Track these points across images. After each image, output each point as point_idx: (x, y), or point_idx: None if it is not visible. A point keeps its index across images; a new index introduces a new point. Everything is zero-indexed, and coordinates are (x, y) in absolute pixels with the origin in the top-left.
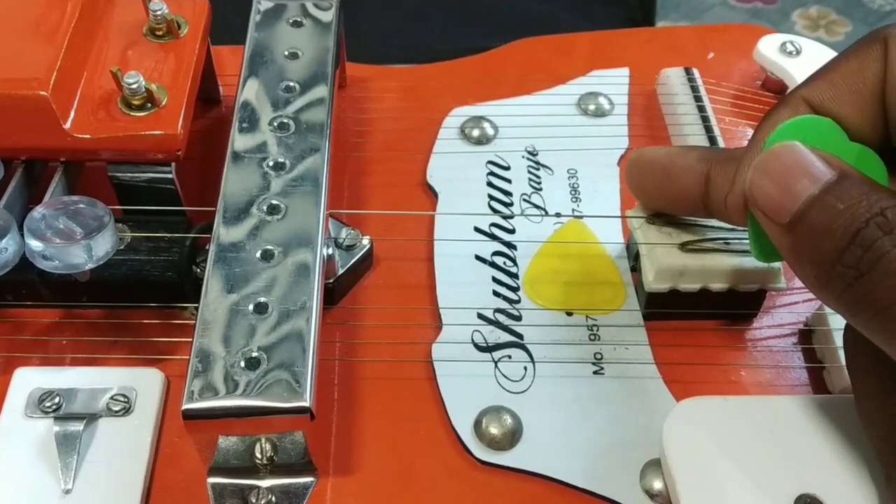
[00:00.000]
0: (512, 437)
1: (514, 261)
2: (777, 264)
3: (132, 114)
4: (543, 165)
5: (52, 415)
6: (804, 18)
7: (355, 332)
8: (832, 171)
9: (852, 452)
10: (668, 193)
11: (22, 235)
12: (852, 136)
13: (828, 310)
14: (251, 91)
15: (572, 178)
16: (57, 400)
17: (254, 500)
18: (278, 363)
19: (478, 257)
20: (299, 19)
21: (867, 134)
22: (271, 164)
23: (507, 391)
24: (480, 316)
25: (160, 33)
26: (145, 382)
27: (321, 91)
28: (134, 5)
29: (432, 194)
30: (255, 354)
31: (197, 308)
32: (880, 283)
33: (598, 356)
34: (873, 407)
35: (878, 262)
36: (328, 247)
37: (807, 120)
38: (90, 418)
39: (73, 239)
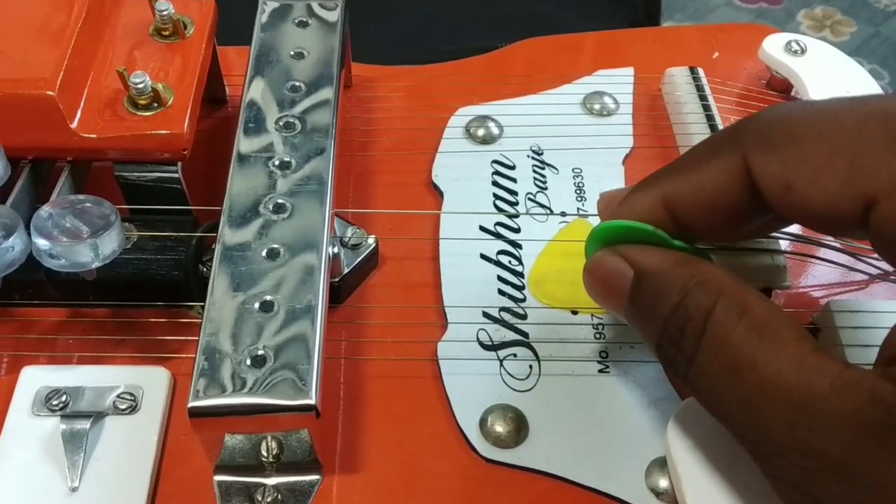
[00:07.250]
0: (517, 435)
1: (519, 260)
2: (782, 262)
3: (138, 113)
4: (548, 164)
5: (58, 413)
6: (809, 18)
7: (361, 331)
8: (630, 271)
9: None
10: None
11: (29, 234)
12: (694, 236)
13: (834, 308)
14: (257, 91)
15: (577, 177)
16: (64, 398)
17: (260, 498)
18: (284, 361)
19: (483, 256)
20: (305, 19)
21: (710, 236)
22: (277, 163)
23: (513, 389)
24: (486, 314)
25: (166, 33)
26: (151, 381)
27: (327, 91)
28: (140, 5)
29: (438, 194)
30: (261, 353)
31: (203, 307)
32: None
33: (604, 354)
34: None
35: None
36: (334, 246)
37: (629, 225)
38: (97, 416)
39: (79, 238)
